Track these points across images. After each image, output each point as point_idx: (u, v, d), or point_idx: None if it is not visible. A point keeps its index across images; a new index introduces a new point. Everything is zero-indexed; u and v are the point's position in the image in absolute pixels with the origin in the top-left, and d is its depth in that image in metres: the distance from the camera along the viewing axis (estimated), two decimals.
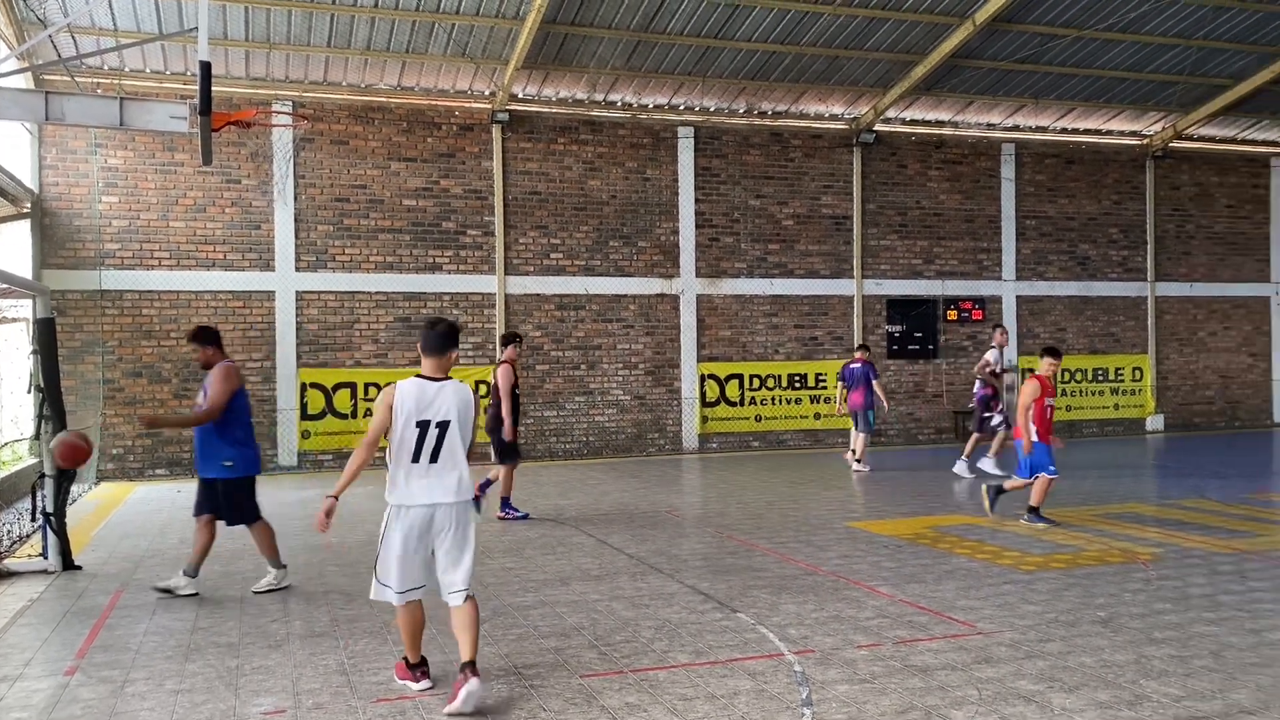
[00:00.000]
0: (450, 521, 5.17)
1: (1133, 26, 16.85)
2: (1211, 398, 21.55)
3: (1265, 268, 21.96)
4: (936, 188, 19.53)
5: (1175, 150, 20.98)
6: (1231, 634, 6.11)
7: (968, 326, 19.68)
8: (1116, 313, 20.77)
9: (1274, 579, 7.56)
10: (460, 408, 5.20)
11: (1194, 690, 5.13)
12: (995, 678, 5.38)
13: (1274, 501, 11.81)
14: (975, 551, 8.78)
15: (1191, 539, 9.17)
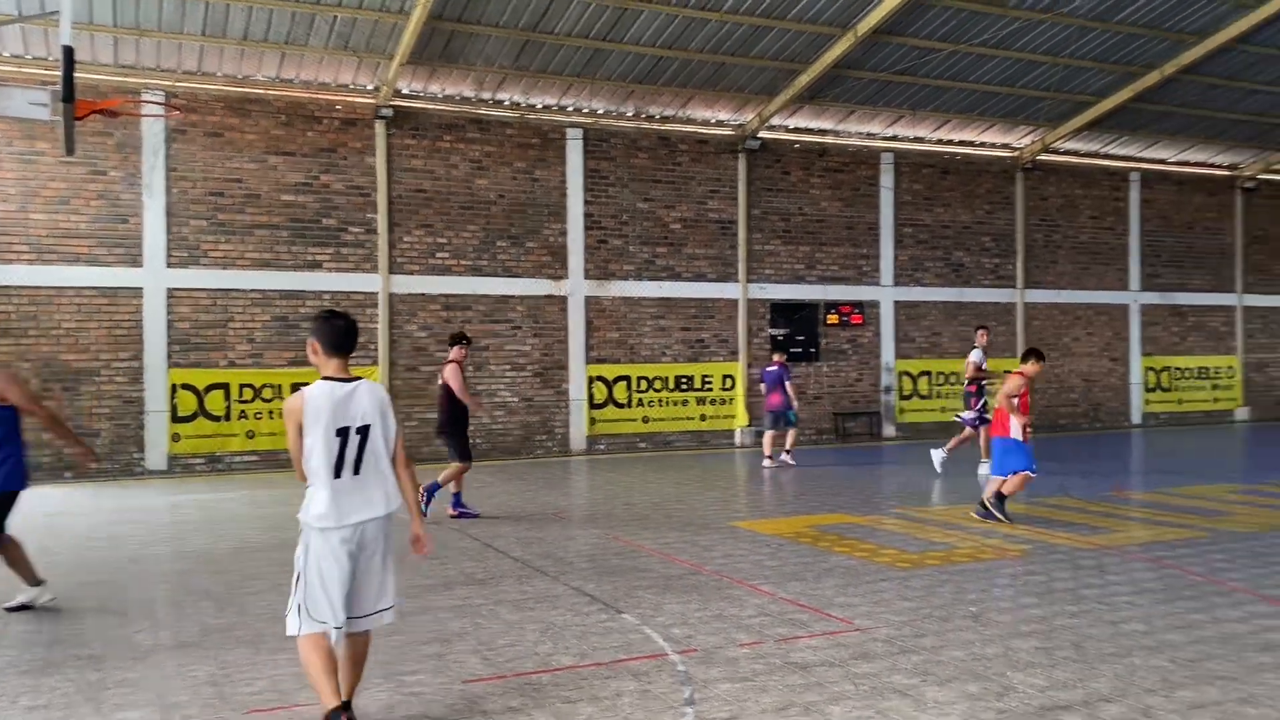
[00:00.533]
0: (379, 539, 4.65)
1: (1005, 43, 17.55)
2: (1076, 400, 22.59)
3: (1125, 276, 23.14)
4: (819, 195, 19.98)
5: (1043, 163, 21.95)
6: (1091, 626, 6.40)
7: (848, 330, 20.18)
8: (988, 318, 21.55)
9: (1130, 573, 7.95)
10: (379, 409, 4.64)
11: (1057, 680, 5.34)
12: (871, 673, 5.51)
13: (1131, 499, 12.44)
14: (854, 549, 9.00)
15: (1056, 535, 9.58)
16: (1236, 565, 8.13)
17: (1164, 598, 7.11)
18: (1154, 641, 6.03)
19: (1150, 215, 23.37)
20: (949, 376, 21.03)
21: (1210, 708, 4.90)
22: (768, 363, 16.62)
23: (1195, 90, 20.13)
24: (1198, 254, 24.03)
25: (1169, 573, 7.92)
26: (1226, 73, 19.54)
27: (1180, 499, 12.04)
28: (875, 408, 20.44)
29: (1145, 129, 21.80)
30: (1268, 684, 5.23)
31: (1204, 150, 23.35)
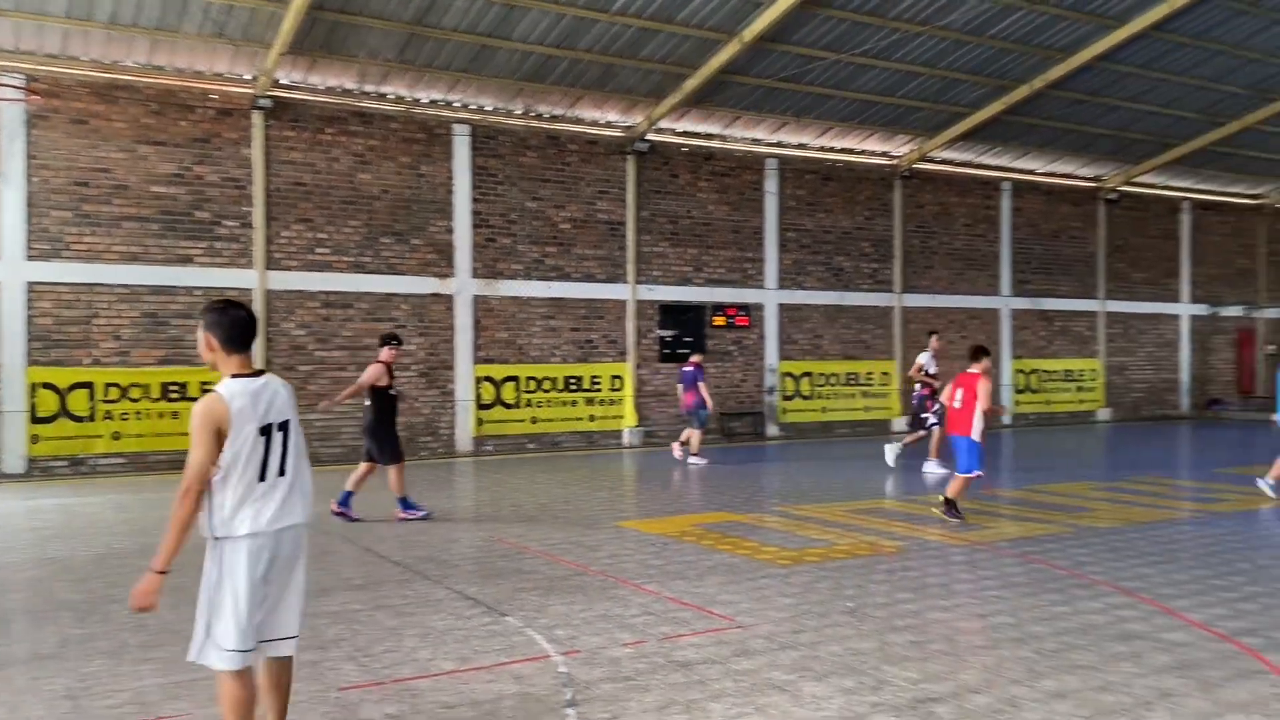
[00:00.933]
0: (298, 549, 4.19)
1: (885, 53, 18.04)
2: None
3: (996, 282, 24.06)
4: (706, 198, 20.20)
5: (920, 171, 22.66)
6: (962, 619, 6.62)
7: (734, 332, 20.45)
8: (868, 321, 22.16)
9: (1000, 568, 8.25)
10: (293, 405, 4.24)
11: (929, 673, 5.50)
12: (751, 669, 5.58)
13: (1000, 496, 12.91)
14: (737, 547, 9.11)
15: (930, 532, 9.88)
16: (1097, 559, 8.52)
17: (1030, 591, 7.40)
18: (1020, 633, 6.27)
19: (1020, 223, 24.37)
20: (830, 378, 21.51)
21: (1071, 696, 5.12)
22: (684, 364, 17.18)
23: (1062, 105, 21.07)
24: (1064, 261, 25.16)
25: (1035, 567, 8.25)
26: (1090, 89, 20.51)
27: (1047, 496, 12.57)
28: (759, 408, 20.77)
29: (1016, 140, 22.72)
30: (1123, 672, 5.49)
31: (1070, 162, 24.47)
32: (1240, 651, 5.85)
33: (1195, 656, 5.75)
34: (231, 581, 3.97)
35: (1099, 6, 17.43)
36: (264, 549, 4.02)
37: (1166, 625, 6.40)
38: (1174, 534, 9.77)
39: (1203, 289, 27.74)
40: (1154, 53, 19.35)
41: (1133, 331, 26.39)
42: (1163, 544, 9.19)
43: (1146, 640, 6.07)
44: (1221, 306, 28.00)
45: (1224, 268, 28.25)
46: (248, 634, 3.99)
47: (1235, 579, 7.73)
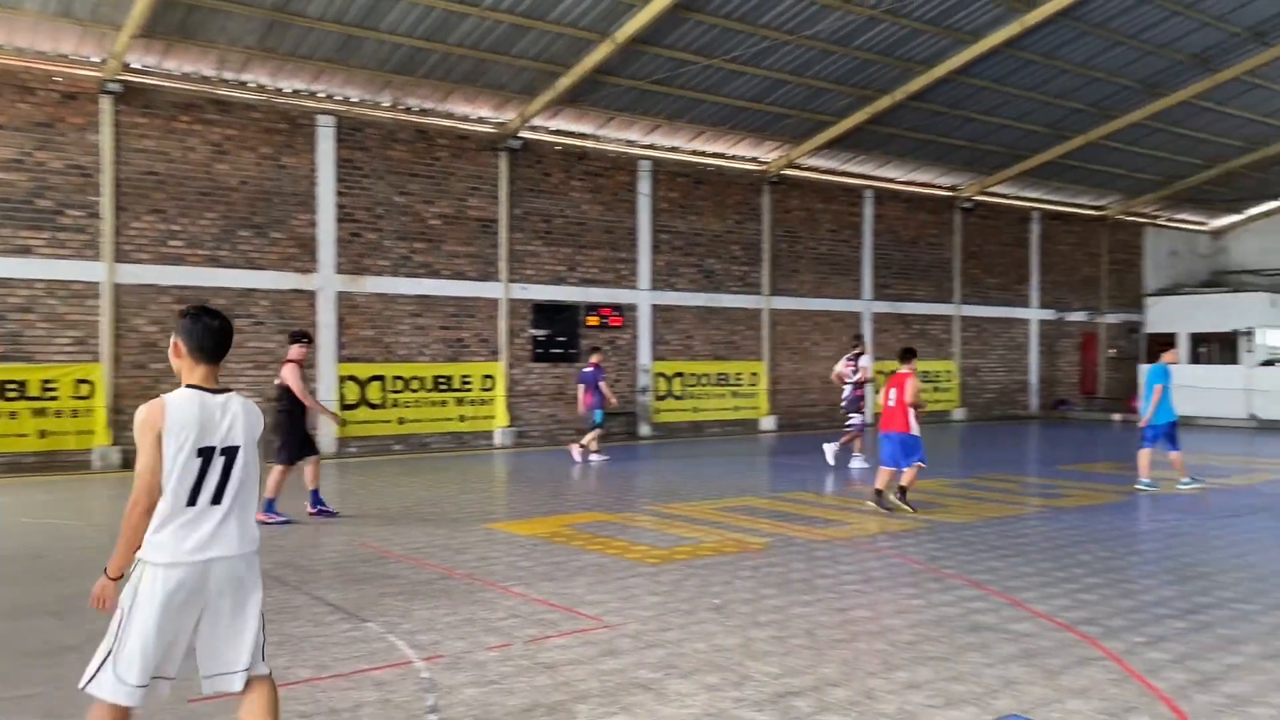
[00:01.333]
0: (231, 582, 3.79)
1: (754, 60, 18.37)
2: (815, 400, 23.96)
3: (859, 286, 24.80)
4: (579, 197, 20.17)
5: (788, 177, 23.16)
6: (823, 614, 6.77)
7: (607, 332, 20.48)
8: (737, 323, 22.53)
9: (859, 563, 8.48)
10: (250, 431, 3.88)
11: (790, 668, 5.60)
12: (618, 669, 5.57)
13: (862, 492, 13.28)
14: (606, 547, 9.11)
15: (796, 529, 10.09)
16: (950, 553, 8.85)
17: (887, 585, 7.64)
18: (877, 626, 6.45)
19: (881, 230, 25.18)
20: (701, 378, 21.77)
21: (924, 686, 5.29)
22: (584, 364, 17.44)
23: (922, 116, 21.86)
24: (922, 267, 26.12)
25: (893, 562, 8.52)
26: (948, 101, 21.35)
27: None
28: (632, 408, 20.86)
29: (878, 149, 23.47)
30: (973, 662, 5.70)
31: (929, 171, 25.42)
32: (1080, 640, 6.15)
33: (1039, 645, 6.02)
34: (142, 609, 3.64)
35: (957, 22, 18.15)
36: (183, 580, 3.67)
37: (1013, 616, 6.69)
38: (1022, 528, 10.23)
39: (1050, 295, 29.23)
40: (1007, 69, 20.27)
41: (986, 335, 27.59)
42: (1011, 538, 9.62)
43: (995, 631, 6.33)
44: (1067, 311, 29.55)
45: (1070, 275, 29.82)
46: (146, 669, 3.65)
47: (1076, 570, 8.14)
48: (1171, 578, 7.97)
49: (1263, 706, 5.00)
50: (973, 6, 17.66)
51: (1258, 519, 11.06)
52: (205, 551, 3.70)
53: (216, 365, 3.89)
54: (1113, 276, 30.96)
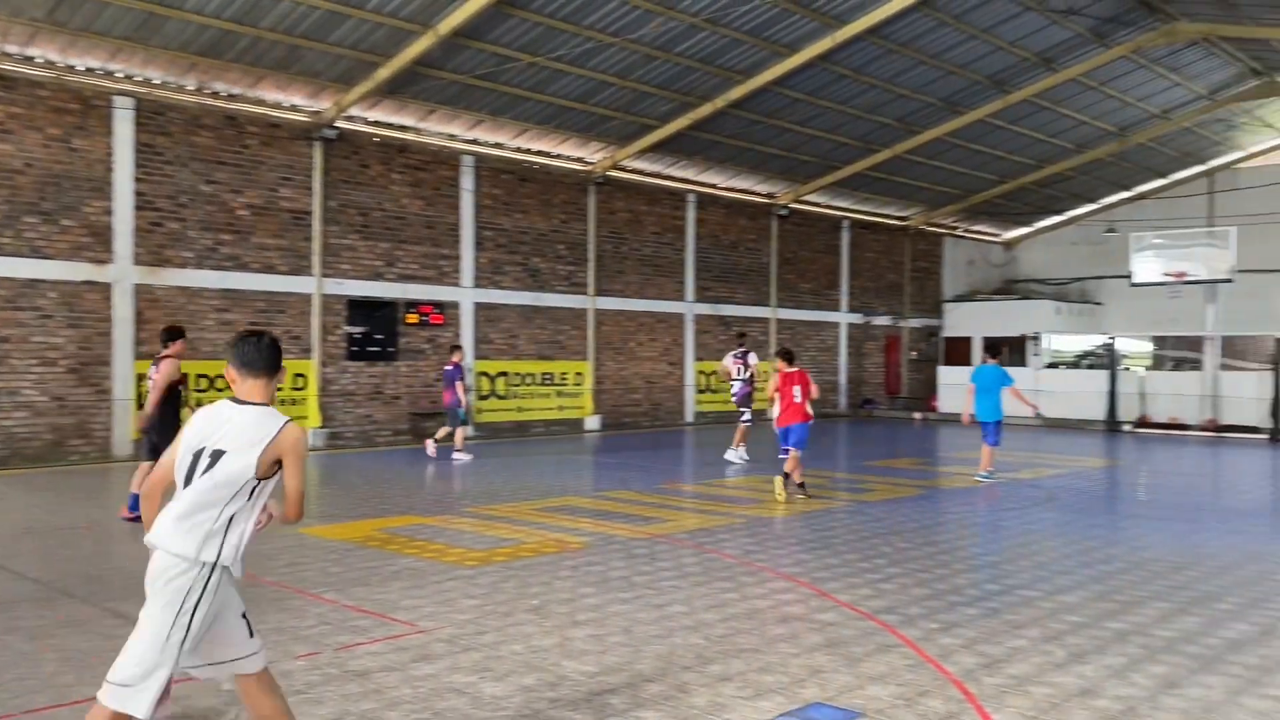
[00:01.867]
0: (155, 577, 3.74)
1: (580, 61, 18.42)
2: (639, 400, 24.28)
3: (682, 288, 25.28)
4: (399, 191, 19.70)
5: (614, 179, 23.36)
6: (640, 611, 6.84)
7: (427, 330, 20.09)
8: (562, 322, 22.54)
9: (676, 559, 8.63)
10: (249, 443, 3.79)
11: (607, 665, 5.64)
12: (431, 674, 5.46)
13: (683, 490, 13.55)
14: (423, 550, 8.92)
15: (615, 527, 10.17)
16: (763, 547, 9.13)
17: (703, 580, 7.80)
18: (693, 621, 6.58)
19: (703, 234, 25.75)
20: (525, 377, 21.67)
21: (735, 678, 5.43)
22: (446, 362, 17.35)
23: (742, 124, 22.48)
24: (741, 271, 26.87)
25: (709, 557, 8.71)
26: (766, 111, 22.04)
27: (723, 489, 13.35)
28: None
29: (701, 155, 23.98)
30: (781, 653, 5.90)
31: (748, 178, 26.17)
32: (880, 628, 6.46)
33: (843, 635, 6.29)
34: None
35: (774, 35, 18.76)
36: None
37: (820, 607, 6.96)
38: (830, 522, 10.66)
39: (858, 299, 30.63)
40: (820, 82, 21.10)
41: (799, 337, 28.62)
42: (820, 531, 10.01)
43: (803, 622, 6.57)
44: (874, 315, 31.04)
45: (876, 281, 31.35)
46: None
47: (878, 561, 8.55)
48: (964, 566, 8.48)
49: (1042, 686, 5.38)
50: (789, 20, 18.30)
51: (1041, 511, 11.92)
52: (151, 538, 3.82)
53: (258, 380, 4.02)
54: (915, 283, 32.73)
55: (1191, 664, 5.77)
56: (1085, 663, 5.78)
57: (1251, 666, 5.74)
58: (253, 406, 3.95)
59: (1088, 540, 9.82)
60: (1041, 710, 4.99)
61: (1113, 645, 6.14)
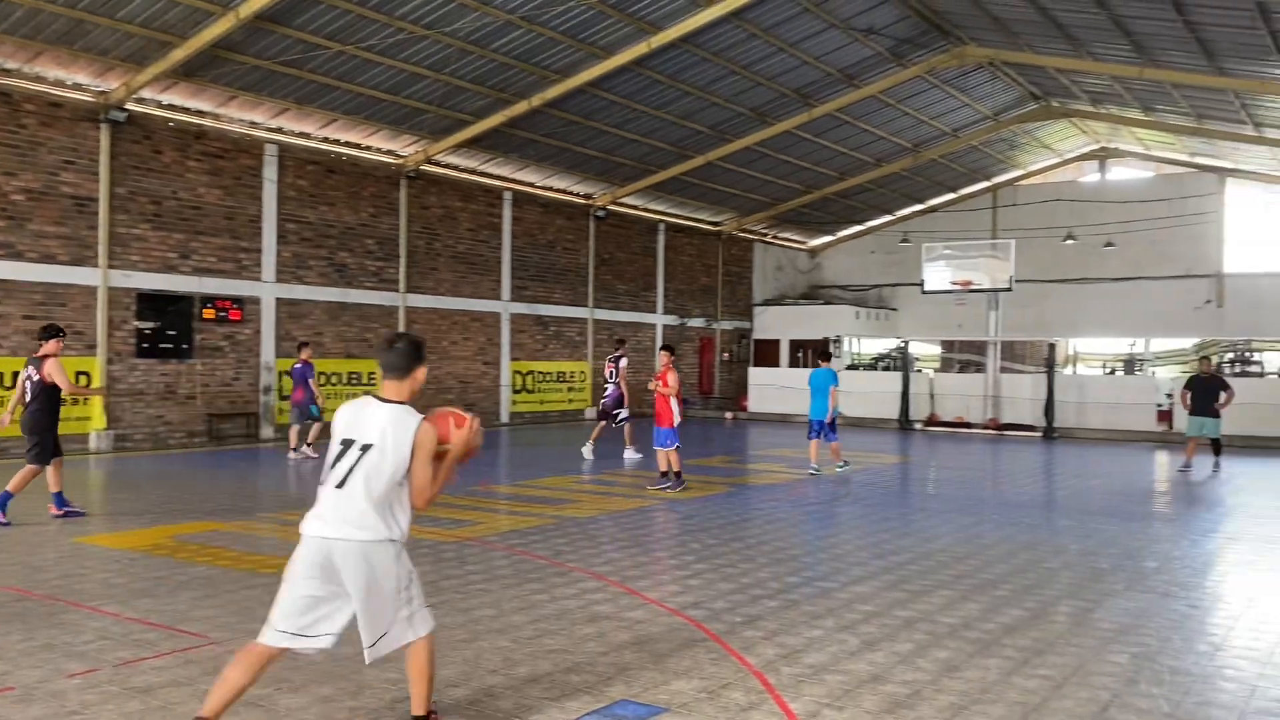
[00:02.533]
0: (359, 567, 4.27)
1: (391, 51, 17.95)
2: (453, 400, 23.88)
3: (498, 287, 25.06)
4: (196, 180, 18.65)
5: (426, 173, 22.90)
6: (447, 615, 6.71)
7: (225, 326, 19.10)
8: (371, 320, 21.91)
9: (487, 561, 8.53)
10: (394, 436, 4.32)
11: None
12: None
13: (494, 492, 13.41)
14: (217, 558, 8.47)
15: (424, 530, 9.95)
16: (574, 547, 9.15)
17: (513, 582, 7.74)
18: (501, 624, 6.51)
19: (520, 232, 25.62)
20: (331, 377, 20.94)
21: (542, 680, 5.41)
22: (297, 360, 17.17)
23: (558, 124, 22.50)
24: (558, 271, 26.90)
25: (519, 559, 8.65)
26: (583, 112, 22.15)
27: (536, 490, 13.29)
28: (254, 408, 19.62)
29: (517, 153, 23.85)
30: (589, 652, 5.92)
31: (565, 178, 26.22)
32: (686, 623, 6.58)
33: (650, 631, 6.37)
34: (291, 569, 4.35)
35: (591, 37, 18.87)
36: (311, 552, 4.31)
37: (629, 605, 7.03)
38: (642, 520, 10.81)
39: (673, 302, 31.24)
40: (637, 86, 21.38)
41: (616, 338, 28.88)
42: (632, 530, 10.12)
43: (611, 620, 6.61)
44: (688, 318, 31.73)
45: (690, 284, 32.06)
46: (285, 628, 4.31)
47: (687, 558, 8.72)
48: (766, 561, 8.77)
49: (836, 674, 5.61)
50: (605, 23, 18.44)
51: (840, 505, 12.47)
52: (323, 531, 4.31)
53: (394, 379, 4.51)
54: (727, 286, 33.68)
55: (971, 648, 6.16)
56: (876, 650, 6.07)
57: (1023, 648, 6.18)
58: (392, 405, 4.44)
59: (881, 533, 10.34)
60: (835, 697, 5.21)
61: (901, 632, 6.49)
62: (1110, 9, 17.60)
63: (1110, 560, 9.08)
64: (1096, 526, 10.99)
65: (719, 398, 32.70)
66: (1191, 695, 5.39)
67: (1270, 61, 18.36)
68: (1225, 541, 10.41)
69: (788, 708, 5.04)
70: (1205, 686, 5.55)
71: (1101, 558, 9.19)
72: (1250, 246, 29.76)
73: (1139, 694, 5.37)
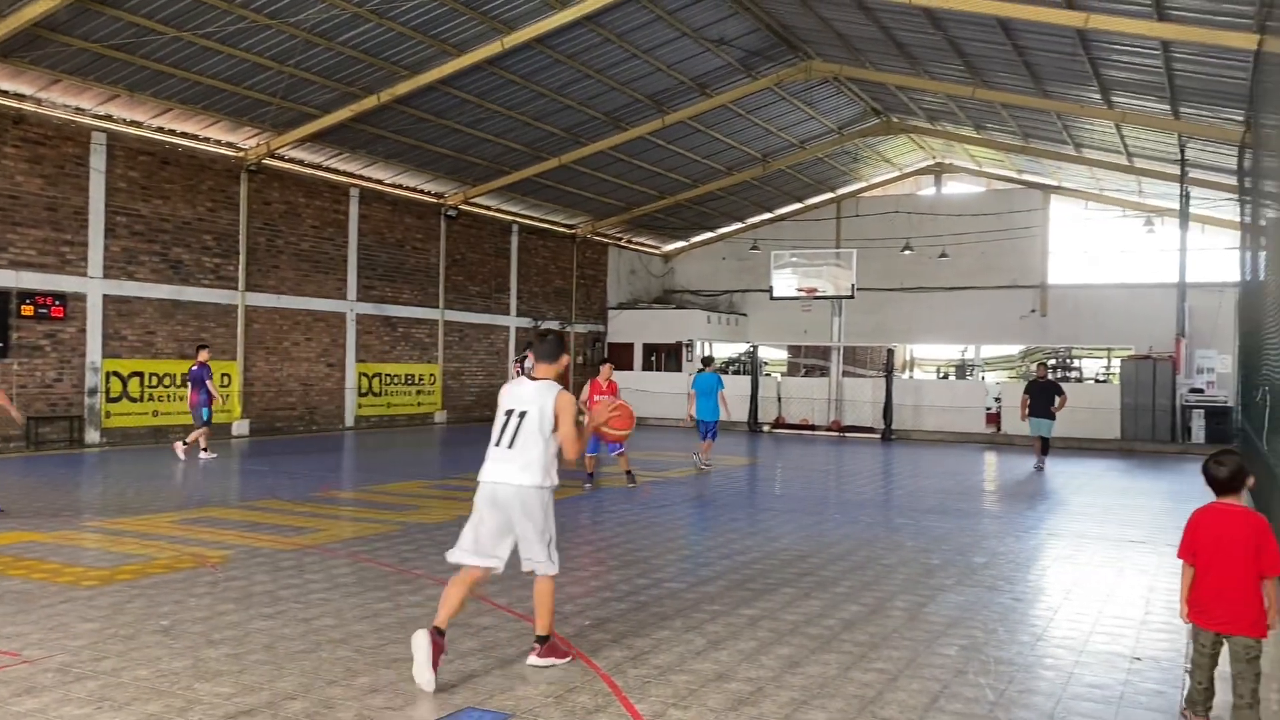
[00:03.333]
0: (512, 503, 5.62)
1: (232, 40, 17.21)
2: (294, 403, 23.08)
3: (344, 286, 24.35)
4: (14, 168, 17.41)
5: (269, 167, 22.05)
6: (285, 626, 6.47)
7: (46, 324, 17.90)
8: (208, 319, 20.94)
9: (329, 570, 8.26)
10: (539, 404, 5.68)
11: (245, 685, 5.27)
12: (37, 709, 4.85)
13: (337, 499, 13.02)
14: (32, 571, 7.92)
15: (261, 538, 9.57)
16: (421, 554, 8.95)
17: (355, 590, 7.52)
18: (342, 634, 6.31)
19: (367, 230, 24.97)
20: (163, 378, 19.90)
21: (385, 690, 5.26)
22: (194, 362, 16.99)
23: (408, 120, 22.04)
24: (407, 271, 26.34)
25: (363, 566, 8.41)
26: (434, 109, 21.77)
27: (382, 496, 12.97)
28: (78, 411, 18.44)
29: (365, 149, 23.24)
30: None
31: (416, 176, 25.72)
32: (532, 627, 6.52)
33: (498, 638, 6.30)
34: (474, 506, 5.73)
35: (442, 33, 18.56)
36: (484, 494, 5.69)
37: (476, 611, 6.91)
38: None
39: (527, 304, 31.05)
40: (490, 85, 21.16)
41: (468, 340, 28.55)
42: None
43: (458, 627, 6.46)
44: (542, 320, 31.59)
45: (545, 286, 31.94)
46: (466, 548, 5.65)
47: None
48: (617, 563, 8.80)
49: (682, 674, 5.67)
50: (458, 20, 18.18)
51: (690, 506, 12.65)
52: (491, 477, 5.71)
53: (544, 364, 5.91)
54: (581, 290, 33.71)
55: (812, 644, 6.34)
56: (722, 649, 6.17)
57: (861, 643, 6.39)
58: (539, 382, 5.82)
59: (729, 533, 10.54)
60: (681, 697, 5.27)
61: (746, 631, 6.61)
62: (946, 30, 18.48)
63: (942, 556, 9.51)
64: (930, 524, 11.50)
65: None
66: (1015, 684, 5.69)
67: (1089, 86, 19.64)
68: (1046, 537, 11.05)
69: (634, 709, 5.06)
70: (1027, 675, 5.86)
71: (934, 554, 9.61)
72: (1071, 259, 31.75)
73: (967, 684, 5.63)
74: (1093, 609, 7.56)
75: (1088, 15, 15.08)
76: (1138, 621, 7.20)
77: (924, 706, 5.22)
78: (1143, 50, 16.73)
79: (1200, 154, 22.63)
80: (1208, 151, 22.17)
